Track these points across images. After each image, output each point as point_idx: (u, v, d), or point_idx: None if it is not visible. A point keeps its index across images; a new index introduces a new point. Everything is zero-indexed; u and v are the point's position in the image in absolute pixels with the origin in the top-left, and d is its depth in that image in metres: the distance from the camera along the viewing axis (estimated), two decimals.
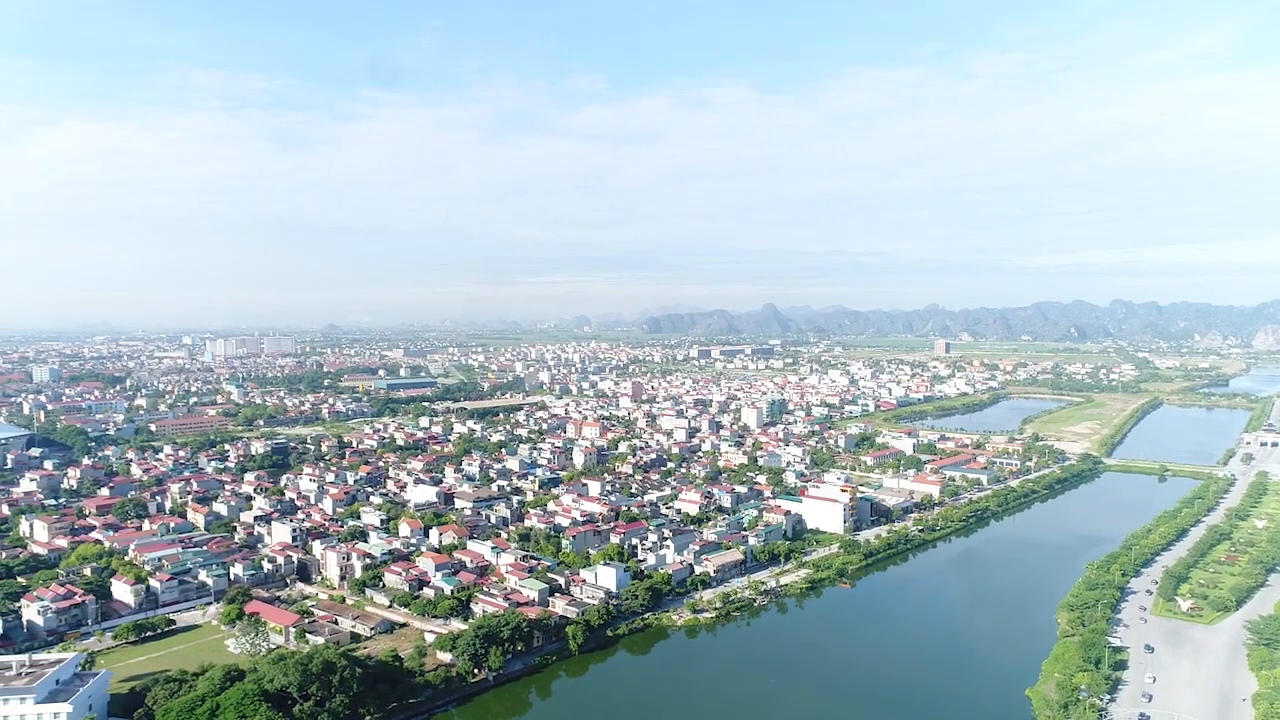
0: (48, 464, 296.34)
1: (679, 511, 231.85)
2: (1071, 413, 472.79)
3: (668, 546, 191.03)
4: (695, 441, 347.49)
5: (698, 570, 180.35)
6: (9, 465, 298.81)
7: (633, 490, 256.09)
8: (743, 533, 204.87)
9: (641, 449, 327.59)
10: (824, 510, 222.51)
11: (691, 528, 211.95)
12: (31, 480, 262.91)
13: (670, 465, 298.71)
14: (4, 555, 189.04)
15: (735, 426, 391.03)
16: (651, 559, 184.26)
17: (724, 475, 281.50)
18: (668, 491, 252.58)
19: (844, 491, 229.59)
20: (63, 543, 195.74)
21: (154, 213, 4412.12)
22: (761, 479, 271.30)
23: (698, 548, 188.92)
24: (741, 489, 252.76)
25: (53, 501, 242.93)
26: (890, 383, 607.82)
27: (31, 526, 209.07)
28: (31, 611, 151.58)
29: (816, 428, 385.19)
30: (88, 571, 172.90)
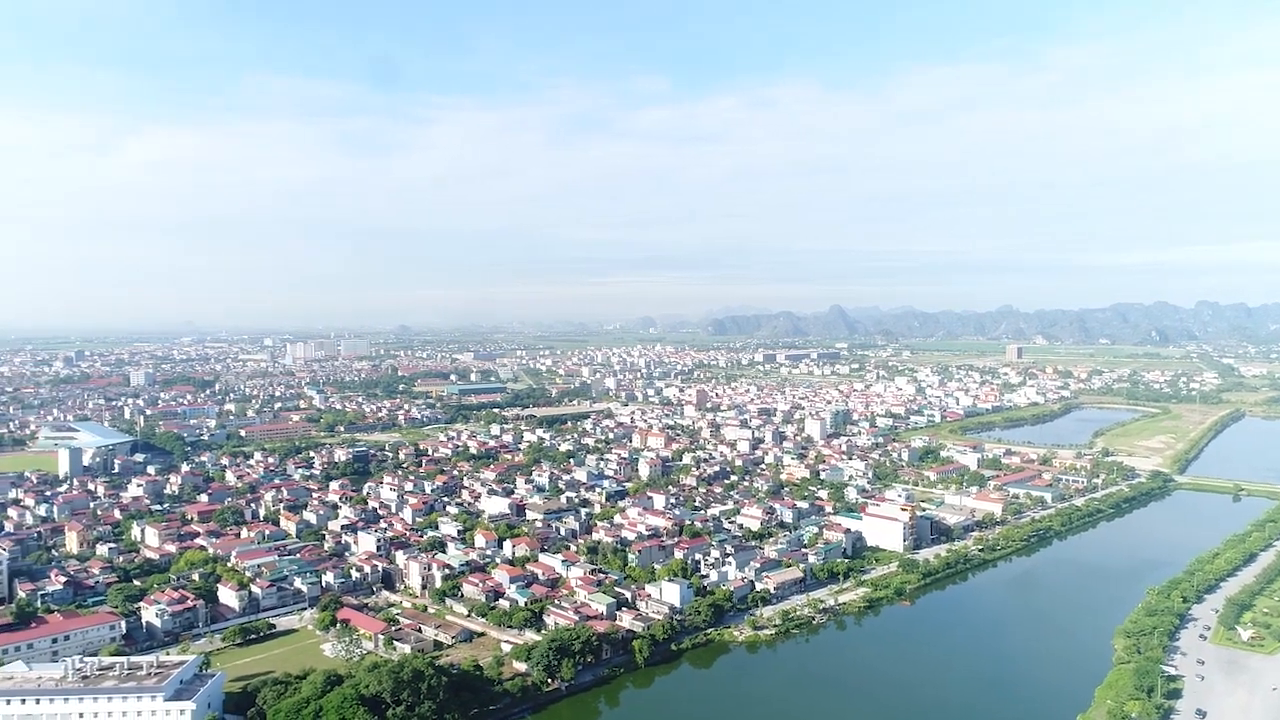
0: (150, 469, 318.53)
1: (741, 526, 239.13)
2: (1146, 425, 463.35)
3: (729, 563, 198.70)
4: (758, 453, 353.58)
5: (758, 587, 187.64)
6: (117, 470, 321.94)
7: (696, 504, 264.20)
8: (803, 550, 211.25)
9: (705, 460, 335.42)
10: (884, 528, 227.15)
11: (753, 544, 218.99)
12: (138, 485, 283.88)
13: (733, 478, 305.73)
14: (121, 559, 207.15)
15: (799, 437, 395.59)
16: (714, 575, 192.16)
17: (786, 489, 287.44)
18: (730, 506, 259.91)
19: (904, 510, 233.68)
20: (171, 548, 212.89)
21: (233, 217, 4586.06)
22: (823, 494, 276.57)
23: (759, 565, 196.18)
24: (803, 504, 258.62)
25: (158, 507, 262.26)
26: (958, 391, 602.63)
27: (143, 532, 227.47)
28: (150, 614, 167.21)
29: (880, 440, 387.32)
30: (196, 577, 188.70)
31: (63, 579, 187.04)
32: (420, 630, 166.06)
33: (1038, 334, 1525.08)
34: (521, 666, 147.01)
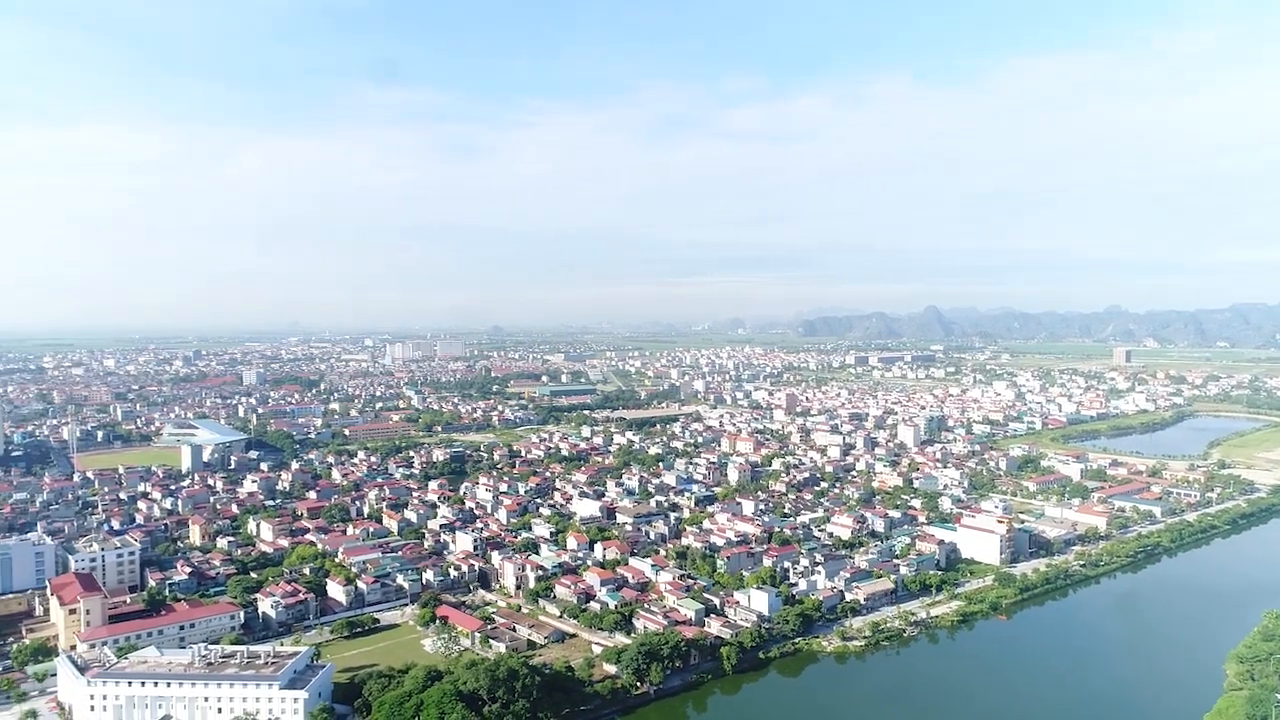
0: (263, 466, 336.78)
1: (831, 535, 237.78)
2: (1268, 435, 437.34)
3: (819, 572, 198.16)
4: (849, 459, 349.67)
5: (848, 597, 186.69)
6: (233, 466, 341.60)
7: (786, 511, 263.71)
8: (894, 560, 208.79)
9: (795, 466, 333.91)
10: (979, 540, 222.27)
11: (843, 553, 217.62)
12: (253, 482, 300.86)
13: (824, 485, 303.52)
14: (239, 552, 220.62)
15: (891, 444, 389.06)
16: (803, 584, 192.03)
17: (878, 497, 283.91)
18: (820, 513, 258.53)
19: (1000, 522, 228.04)
20: (284, 542, 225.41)
21: (336, 221, 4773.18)
22: (916, 503, 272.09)
23: (849, 575, 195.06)
24: (895, 513, 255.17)
25: (271, 502, 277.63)
26: (1061, 396, 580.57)
27: (258, 526, 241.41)
28: (266, 605, 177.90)
29: (977, 447, 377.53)
30: (307, 571, 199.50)
31: (187, 569, 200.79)
32: (515, 629, 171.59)
33: (1148, 336, 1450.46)
34: (611, 669, 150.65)
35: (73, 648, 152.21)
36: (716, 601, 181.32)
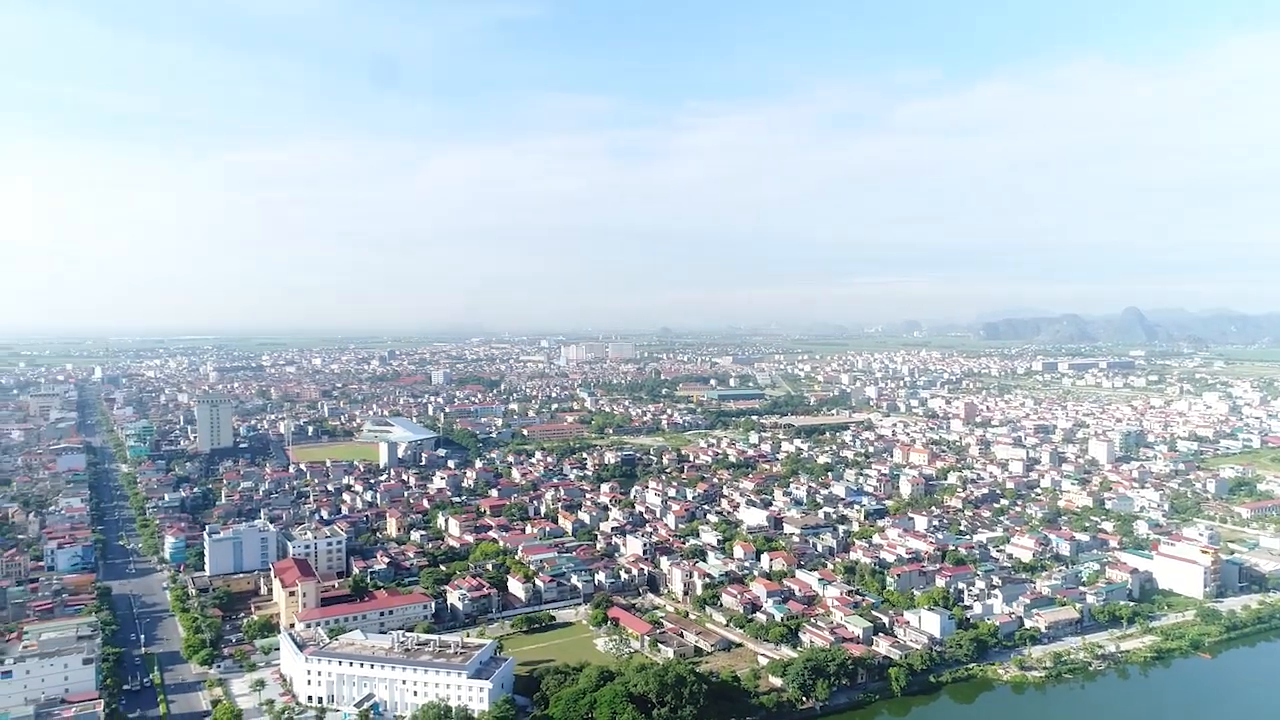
0: (450, 464, 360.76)
1: (1010, 556, 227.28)
2: None
3: (996, 595, 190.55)
4: (1033, 475, 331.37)
5: (1027, 624, 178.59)
6: (424, 463, 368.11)
7: (961, 528, 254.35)
8: (1080, 588, 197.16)
9: (973, 481, 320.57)
10: (1179, 570, 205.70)
11: (1023, 576, 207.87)
12: (441, 478, 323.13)
13: (1004, 502, 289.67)
14: (430, 545, 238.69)
15: (1081, 460, 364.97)
16: (978, 607, 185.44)
17: (1063, 518, 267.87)
18: (999, 533, 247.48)
19: (1205, 552, 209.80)
20: (469, 538, 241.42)
21: (514, 226, 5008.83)
22: (1107, 526, 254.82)
23: (1029, 600, 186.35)
24: (1083, 536, 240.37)
25: (457, 499, 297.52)
26: None
27: (447, 522, 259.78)
28: (454, 597, 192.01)
29: (1181, 466, 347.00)
30: (490, 567, 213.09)
31: (386, 560, 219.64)
32: (682, 635, 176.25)
33: None
34: (777, 681, 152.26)
35: (292, 626, 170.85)
36: (885, 620, 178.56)
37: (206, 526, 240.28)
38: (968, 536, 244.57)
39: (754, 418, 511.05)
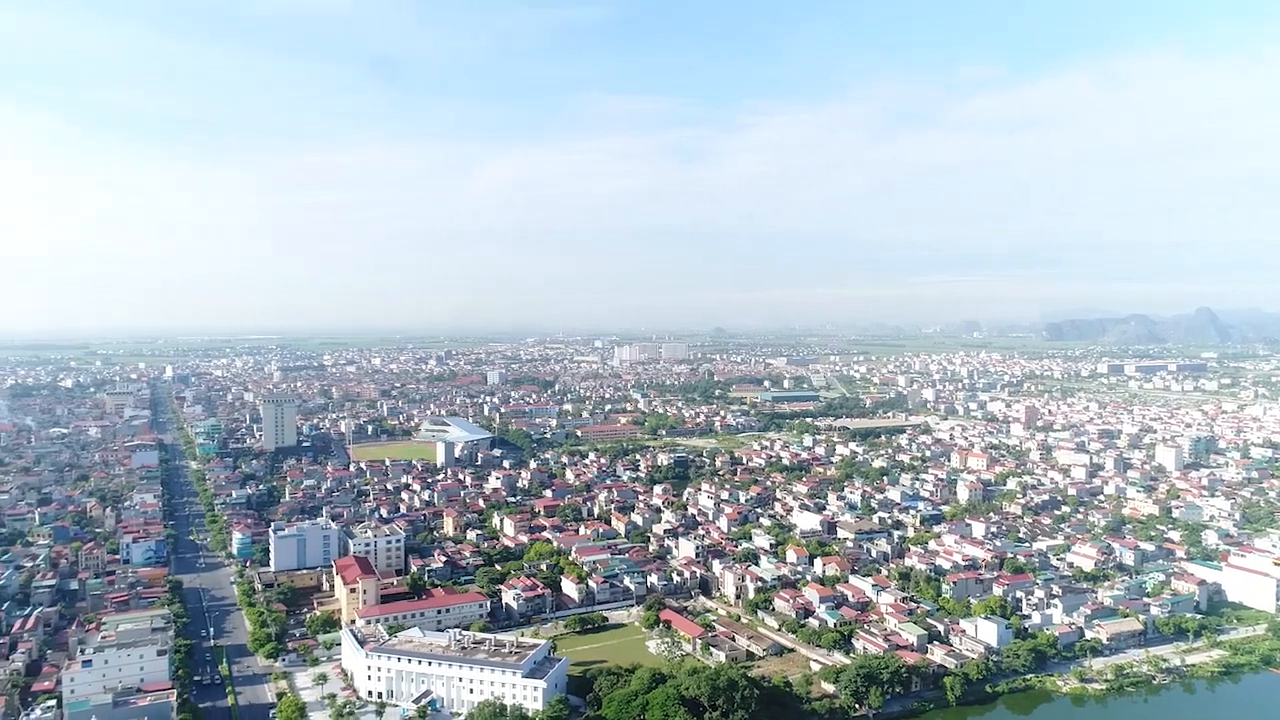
0: (505, 464, 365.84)
1: (1071, 565, 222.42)
2: None
3: (1056, 605, 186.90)
4: (1096, 482, 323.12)
5: (1088, 635, 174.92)
6: (480, 463, 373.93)
7: (1020, 535, 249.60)
8: (1144, 599, 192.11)
9: (1033, 487, 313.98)
10: (1251, 583, 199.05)
11: (1084, 586, 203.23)
12: (496, 478, 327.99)
13: (1065, 509, 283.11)
14: (485, 545, 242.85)
15: (1147, 467, 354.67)
16: (1037, 617, 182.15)
17: (1128, 527, 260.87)
18: (1060, 541, 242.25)
19: (1278, 565, 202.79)
20: (524, 538, 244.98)
21: (569, 226, 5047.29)
22: (1174, 536, 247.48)
23: (1090, 611, 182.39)
24: (1148, 546, 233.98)
25: (512, 499, 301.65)
26: None
27: (502, 522, 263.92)
28: (509, 596, 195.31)
29: (1254, 474, 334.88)
30: (544, 567, 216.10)
31: (443, 558, 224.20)
32: (734, 639, 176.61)
33: None
34: (829, 688, 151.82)
35: (353, 622, 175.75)
36: (940, 628, 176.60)
37: (272, 523, 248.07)
38: (1027, 544, 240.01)
39: (808, 420, 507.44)
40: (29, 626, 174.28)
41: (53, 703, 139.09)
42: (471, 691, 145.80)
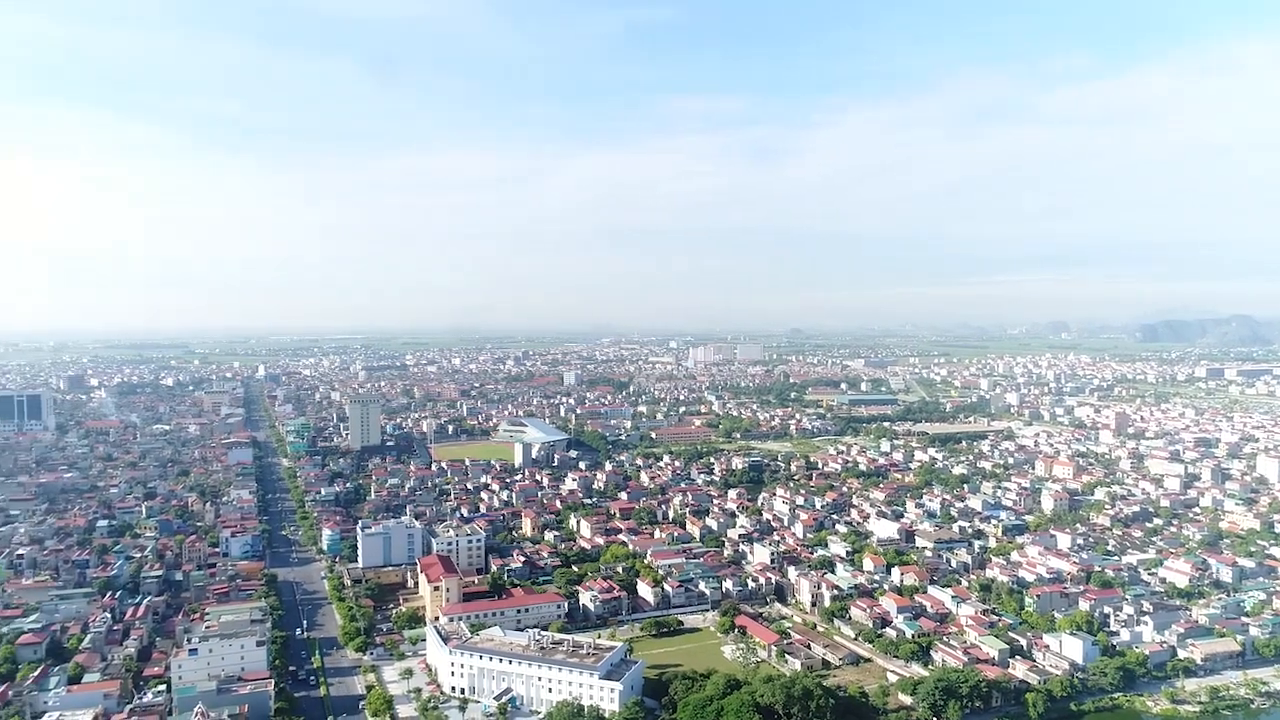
0: (581, 465, 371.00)
1: (1163, 581, 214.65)
2: None
3: (1146, 622, 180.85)
4: (1191, 493, 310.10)
5: (1180, 655, 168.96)
6: (556, 464, 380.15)
7: (1109, 548, 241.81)
8: (1243, 618, 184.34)
9: (1123, 498, 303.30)
10: None
11: (1177, 603, 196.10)
12: (573, 480, 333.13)
13: (1157, 521, 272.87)
14: (563, 546, 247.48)
15: (1248, 478, 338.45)
16: (1125, 634, 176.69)
17: (1225, 541, 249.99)
18: (1151, 555, 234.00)
19: None
20: (600, 540, 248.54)
21: (645, 227, 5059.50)
22: (1276, 552, 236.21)
23: (1183, 629, 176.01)
24: (1247, 562, 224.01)
25: (588, 500, 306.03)
26: None
27: (578, 523, 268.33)
28: (586, 598, 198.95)
29: None
30: (620, 569, 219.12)
31: (521, 559, 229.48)
32: (810, 647, 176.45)
33: None
34: (907, 700, 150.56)
35: (436, 619, 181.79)
36: (1023, 642, 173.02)
37: (359, 521, 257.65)
38: (1116, 557, 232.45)
39: (886, 424, 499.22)
40: (140, 615, 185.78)
41: (162, 687, 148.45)
42: (550, 691, 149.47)
